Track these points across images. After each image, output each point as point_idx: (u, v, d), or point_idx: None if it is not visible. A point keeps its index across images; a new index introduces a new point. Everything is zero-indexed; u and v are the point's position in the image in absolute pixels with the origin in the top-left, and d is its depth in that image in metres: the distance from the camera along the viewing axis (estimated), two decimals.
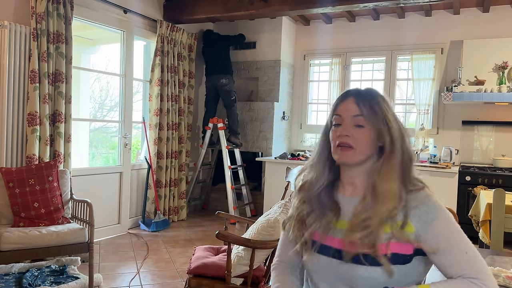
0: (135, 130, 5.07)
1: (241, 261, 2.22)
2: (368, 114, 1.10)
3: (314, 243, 1.13)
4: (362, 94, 1.13)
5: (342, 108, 1.13)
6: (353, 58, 5.65)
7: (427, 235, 1.03)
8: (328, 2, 4.23)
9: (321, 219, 1.14)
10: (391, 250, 1.03)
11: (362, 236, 1.04)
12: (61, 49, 3.64)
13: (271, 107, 5.58)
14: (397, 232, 1.03)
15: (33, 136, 3.43)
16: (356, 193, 1.14)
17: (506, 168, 4.55)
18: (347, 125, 1.11)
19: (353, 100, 1.12)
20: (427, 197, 1.06)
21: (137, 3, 4.65)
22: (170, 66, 4.99)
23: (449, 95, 4.59)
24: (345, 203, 1.14)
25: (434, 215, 1.03)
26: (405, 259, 1.04)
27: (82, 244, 2.92)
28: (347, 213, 1.12)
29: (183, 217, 5.26)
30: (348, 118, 1.11)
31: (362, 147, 1.10)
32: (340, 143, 1.11)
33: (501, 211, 2.33)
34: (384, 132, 1.09)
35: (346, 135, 1.10)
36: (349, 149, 1.10)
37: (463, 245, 1.01)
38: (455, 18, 5.05)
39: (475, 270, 0.99)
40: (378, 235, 1.03)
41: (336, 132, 1.12)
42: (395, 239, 1.03)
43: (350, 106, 1.12)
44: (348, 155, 1.10)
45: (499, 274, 1.47)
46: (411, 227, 1.04)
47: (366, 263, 1.03)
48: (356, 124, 1.10)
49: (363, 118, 1.10)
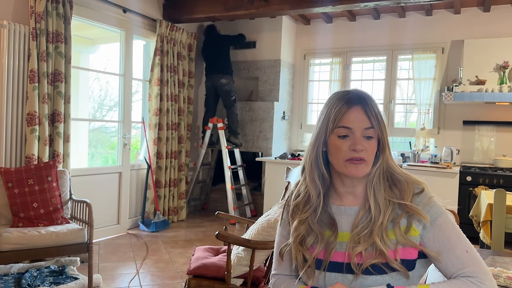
0: (135, 130, 5.06)
1: (241, 262, 2.21)
2: (376, 125, 1.06)
3: (321, 262, 1.09)
4: (366, 101, 1.07)
5: (351, 119, 1.05)
6: (354, 57, 5.63)
7: (429, 234, 1.03)
8: (329, 2, 4.22)
9: (322, 238, 1.09)
10: (399, 256, 1.03)
11: (367, 245, 1.03)
12: (60, 48, 3.63)
13: (271, 107, 5.57)
14: (401, 238, 1.03)
15: (32, 136, 3.42)
16: (356, 202, 1.11)
17: (507, 168, 4.54)
18: (358, 138, 1.04)
19: (361, 110, 1.06)
20: (429, 199, 1.06)
21: (137, 2, 4.64)
22: (170, 65, 4.98)
23: (450, 95, 4.58)
24: (342, 214, 1.11)
25: (436, 214, 1.04)
26: (412, 264, 1.04)
27: (81, 245, 2.91)
28: (344, 225, 1.10)
29: (183, 217, 5.25)
30: (358, 130, 1.05)
31: (371, 159, 1.07)
32: (354, 157, 1.04)
33: (502, 211, 2.31)
34: (382, 140, 1.08)
35: (362, 150, 1.04)
36: (361, 163, 1.05)
37: (464, 244, 1.02)
38: (455, 18, 5.04)
39: (475, 268, 0.99)
40: (384, 242, 1.02)
41: (345, 145, 1.05)
42: (401, 245, 1.03)
43: (360, 116, 1.05)
44: (361, 169, 1.05)
45: (500, 275, 1.46)
46: (416, 230, 1.04)
47: (375, 272, 1.02)
48: (366, 136, 1.05)
49: (373, 130, 1.06)
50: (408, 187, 1.07)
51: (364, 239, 1.04)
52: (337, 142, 1.06)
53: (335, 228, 1.09)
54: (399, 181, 1.08)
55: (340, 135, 1.06)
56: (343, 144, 1.05)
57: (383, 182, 1.08)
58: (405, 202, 1.04)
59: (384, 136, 1.07)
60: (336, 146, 1.06)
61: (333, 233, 1.09)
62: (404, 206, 1.05)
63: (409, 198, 1.05)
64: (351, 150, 1.05)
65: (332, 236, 1.09)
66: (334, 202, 1.13)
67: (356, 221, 1.07)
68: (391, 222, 1.04)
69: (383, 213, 1.04)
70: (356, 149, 1.04)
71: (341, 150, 1.06)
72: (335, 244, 1.08)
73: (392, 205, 1.05)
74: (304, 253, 1.10)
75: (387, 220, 1.04)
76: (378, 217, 1.04)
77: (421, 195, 1.07)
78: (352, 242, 1.05)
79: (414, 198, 1.06)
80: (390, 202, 1.05)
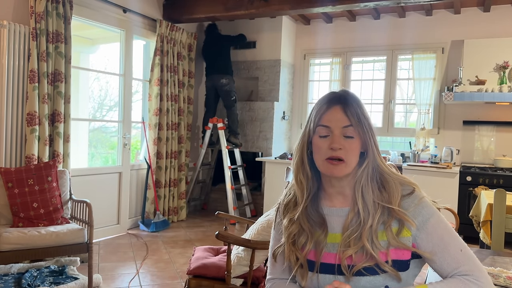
0: (135, 130, 5.05)
1: (241, 262, 2.21)
2: (356, 124, 1.05)
3: (313, 264, 1.09)
4: (347, 101, 1.07)
5: (329, 118, 1.06)
6: (354, 57, 5.63)
7: (422, 234, 1.03)
8: (329, 2, 4.22)
9: (312, 237, 1.09)
10: (391, 257, 1.02)
11: (357, 248, 1.02)
12: (60, 48, 3.63)
13: (271, 107, 5.56)
14: (393, 240, 1.02)
15: (32, 136, 3.42)
16: (346, 203, 1.10)
17: (507, 168, 4.54)
18: (337, 136, 1.05)
19: (340, 109, 1.06)
20: (420, 200, 1.06)
21: (137, 2, 4.64)
22: (170, 65, 4.98)
23: (450, 95, 4.58)
24: (333, 215, 1.10)
25: (428, 215, 1.04)
26: (405, 265, 1.04)
27: (81, 245, 2.91)
28: (336, 226, 1.09)
29: (183, 217, 5.25)
30: (337, 129, 1.05)
31: (352, 159, 1.06)
32: (332, 156, 1.05)
33: (502, 211, 2.31)
34: (367, 140, 1.07)
35: (339, 148, 1.04)
36: (340, 163, 1.05)
37: (457, 243, 1.02)
38: (455, 18, 5.04)
39: (470, 267, 1.00)
40: (374, 245, 1.01)
41: (324, 144, 1.06)
42: (393, 246, 1.03)
43: (338, 115, 1.06)
44: (340, 169, 1.05)
45: (500, 275, 1.46)
46: (408, 231, 1.03)
47: (367, 274, 1.02)
48: (345, 135, 1.05)
49: (353, 129, 1.05)
50: (396, 189, 1.06)
51: (354, 242, 1.03)
52: (318, 142, 1.07)
53: (325, 227, 1.09)
54: (387, 182, 1.07)
55: (321, 135, 1.07)
56: (323, 143, 1.06)
57: (372, 183, 1.07)
58: (392, 206, 1.04)
59: (367, 135, 1.06)
60: (317, 146, 1.07)
61: (323, 233, 1.09)
62: (392, 210, 1.04)
63: (397, 201, 1.04)
64: (329, 149, 1.05)
65: (322, 236, 1.09)
66: (324, 203, 1.13)
67: (346, 223, 1.07)
68: (382, 224, 1.04)
69: (372, 216, 1.04)
70: (333, 148, 1.04)
71: (321, 149, 1.06)
72: (325, 245, 1.08)
73: (381, 208, 1.05)
74: (296, 253, 1.10)
75: (376, 222, 1.03)
76: (367, 219, 1.04)
77: (411, 196, 1.06)
78: (342, 245, 1.05)
79: (403, 200, 1.05)
80: (379, 205, 1.05)
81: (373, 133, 1.08)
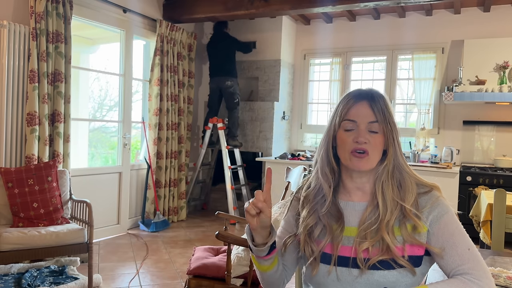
0: (135, 130, 5.05)
1: (241, 262, 2.21)
2: (381, 120, 1.08)
3: (328, 257, 1.10)
4: (374, 97, 1.10)
5: (356, 112, 1.09)
6: (354, 57, 5.63)
7: (434, 229, 1.05)
8: (329, 2, 4.22)
9: (329, 229, 1.11)
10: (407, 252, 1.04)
11: (374, 241, 1.04)
12: (60, 48, 3.63)
13: (271, 107, 5.56)
14: (408, 236, 1.04)
15: (32, 136, 3.42)
16: (365, 199, 1.12)
17: (507, 168, 4.54)
18: (362, 131, 1.08)
19: (367, 105, 1.09)
20: (437, 198, 1.08)
21: (137, 2, 4.64)
22: (170, 65, 4.98)
23: (450, 95, 4.58)
24: (350, 209, 1.12)
25: (443, 211, 1.06)
26: (419, 260, 1.05)
27: (81, 245, 2.91)
28: (352, 220, 1.11)
29: (183, 217, 5.25)
30: (363, 124, 1.08)
31: (375, 154, 1.09)
32: (357, 149, 1.07)
33: (502, 211, 2.31)
34: (390, 137, 1.09)
35: (364, 142, 1.07)
36: (365, 156, 1.07)
37: (466, 242, 1.04)
38: (455, 18, 5.04)
39: (473, 266, 1.00)
40: (390, 240, 1.03)
41: (349, 137, 1.08)
42: (408, 242, 1.04)
43: (365, 111, 1.09)
44: (365, 162, 1.07)
45: (500, 275, 1.46)
46: (423, 227, 1.05)
47: (382, 268, 1.03)
48: (370, 130, 1.08)
49: (378, 124, 1.08)
50: (412, 189, 1.08)
51: (371, 235, 1.05)
52: (343, 136, 1.10)
53: (342, 221, 1.11)
54: (405, 182, 1.10)
55: (346, 129, 1.09)
56: (348, 137, 1.09)
57: (392, 180, 1.09)
58: (405, 205, 1.06)
59: (391, 132, 1.09)
60: (342, 139, 1.10)
61: (340, 227, 1.10)
62: (405, 209, 1.06)
63: (410, 201, 1.07)
64: (354, 142, 1.07)
65: (338, 229, 1.10)
66: (342, 197, 1.15)
67: (363, 217, 1.09)
68: (398, 221, 1.06)
69: (391, 212, 1.06)
70: (359, 141, 1.07)
71: (346, 143, 1.09)
72: (342, 238, 1.09)
73: (400, 206, 1.07)
74: (312, 245, 1.12)
75: (394, 219, 1.06)
76: (385, 215, 1.06)
77: (428, 194, 1.09)
78: (358, 238, 1.06)
79: (420, 197, 1.08)
80: (398, 203, 1.07)
81: (397, 131, 1.10)
